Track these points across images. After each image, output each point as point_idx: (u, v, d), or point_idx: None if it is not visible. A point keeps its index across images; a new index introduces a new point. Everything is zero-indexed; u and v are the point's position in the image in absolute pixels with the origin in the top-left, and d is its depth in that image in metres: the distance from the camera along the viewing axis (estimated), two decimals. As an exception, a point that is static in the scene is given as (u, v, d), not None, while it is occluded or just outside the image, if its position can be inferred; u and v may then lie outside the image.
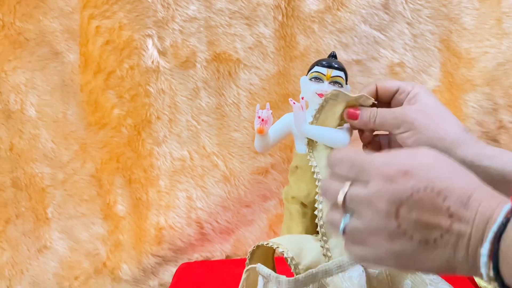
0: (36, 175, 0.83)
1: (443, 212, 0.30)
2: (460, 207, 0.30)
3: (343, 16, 0.76)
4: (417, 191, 0.30)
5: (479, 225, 0.29)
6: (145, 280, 0.84)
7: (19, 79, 0.81)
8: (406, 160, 0.31)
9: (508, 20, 0.74)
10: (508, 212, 0.29)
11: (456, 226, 0.30)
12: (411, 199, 0.30)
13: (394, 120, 0.43)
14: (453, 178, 0.31)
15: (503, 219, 0.28)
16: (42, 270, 0.84)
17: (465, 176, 0.32)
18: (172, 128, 0.81)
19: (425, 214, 0.30)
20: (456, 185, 0.30)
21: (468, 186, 0.30)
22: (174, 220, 0.82)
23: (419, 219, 0.30)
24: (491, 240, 0.28)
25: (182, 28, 0.78)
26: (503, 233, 0.28)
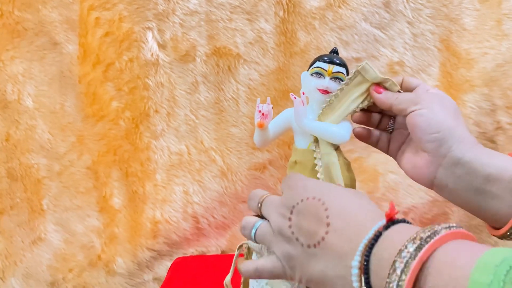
0: (32, 166, 0.83)
1: (323, 220, 0.32)
2: (338, 218, 0.32)
3: (344, 14, 0.75)
4: (306, 198, 0.34)
5: (352, 238, 0.30)
6: (139, 274, 0.84)
7: (16, 69, 0.81)
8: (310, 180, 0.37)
9: (508, 21, 0.74)
10: (380, 227, 0.29)
11: (331, 236, 0.31)
12: (300, 204, 0.34)
13: (414, 97, 0.44)
14: (341, 197, 0.34)
15: (376, 233, 0.29)
16: (36, 262, 0.84)
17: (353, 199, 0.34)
18: (170, 122, 0.80)
19: (308, 219, 0.33)
20: (339, 201, 0.33)
21: (352, 204, 0.33)
22: (170, 214, 0.82)
23: (303, 223, 0.33)
24: (361, 253, 0.29)
25: (183, 22, 0.77)
26: (373, 248, 0.29)
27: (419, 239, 0.26)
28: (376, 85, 0.46)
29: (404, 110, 0.44)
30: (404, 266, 0.26)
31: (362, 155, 0.79)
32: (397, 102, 0.44)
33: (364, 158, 0.79)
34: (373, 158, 0.79)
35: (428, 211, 0.79)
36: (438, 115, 0.41)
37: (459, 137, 0.41)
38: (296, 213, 0.34)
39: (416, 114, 0.42)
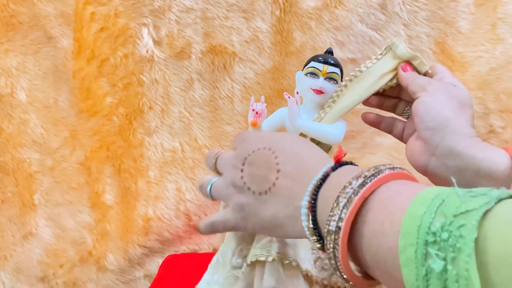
0: (24, 160, 0.82)
1: (273, 166, 0.33)
2: (287, 163, 0.33)
3: (340, 14, 0.76)
4: (257, 149, 0.35)
5: (302, 180, 0.31)
6: (130, 271, 0.83)
7: (10, 63, 0.80)
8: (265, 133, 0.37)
9: (503, 26, 0.75)
10: (328, 168, 0.31)
11: (281, 181, 0.32)
12: (252, 155, 0.35)
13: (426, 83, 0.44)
14: (291, 145, 0.35)
15: (324, 173, 0.30)
16: (27, 257, 0.83)
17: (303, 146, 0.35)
18: (164, 118, 0.80)
19: (259, 168, 0.34)
20: (289, 149, 0.34)
21: (300, 151, 0.34)
22: (162, 211, 0.81)
23: (255, 172, 0.34)
24: (310, 193, 0.30)
25: (179, 19, 0.77)
26: (321, 187, 0.30)
27: (363, 177, 0.27)
28: (405, 63, 0.46)
29: (414, 94, 0.44)
30: (347, 201, 0.27)
31: (355, 156, 0.79)
32: (412, 84, 0.44)
33: (357, 158, 0.79)
34: (366, 159, 0.79)
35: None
36: (437, 104, 0.42)
37: (454, 128, 0.41)
38: (247, 164, 0.35)
39: (419, 101, 0.43)
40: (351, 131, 0.79)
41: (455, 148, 0.40)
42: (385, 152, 0.79)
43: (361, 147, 0.80)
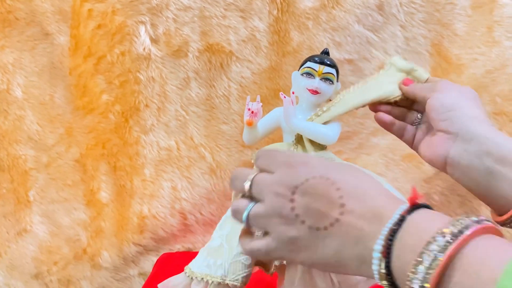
0: (20, 157, 0.82)
1: (335, 201, 0.30)
2: (353, 199, 0.30)
3: (337, 15, 0.76)
4: (312, 178, 0.31)
5: (372, 220, 0.29)
6: (125, 269, 0.83)
7: (6, 59, 0.80)
8: (313, 158, 0.34)
9: (499, 28, 0.75)
10: (404, 211, 0.29)
11: (347, 218, 0.30)
12: (305, 184, 0.31)
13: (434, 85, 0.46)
14: (351, 175, 0.32)
15: (399, 217, 0.28)
16: (21, 253, 0.83)
17: (365, 179, 0.32)
18: (160, 117, 0.80)
19: (318, 200, 0.31)
20: (351, 180, 0.31)
21: (364, 184, 0.31)
22: (157, 209, 0.81)
23: (311, 204, 0.31)
24: (385, 237, 0.28)
25: (176, 17, 0.77)
26: (398, 232, 0.28)
27: (449, 233, 0.26)
28: (406, 79, 0.49)
29: (425, 97, 0.45)
30: (432, 260, 0.25)
31: (350, 156, 0.80)
32: (419, 91, 0.46)
33: (352, 159, 0.79)
34: (361, 159, 0.79)
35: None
36: (451, 97, 0.43)
37: (472, 115, 0.42)
38: (300, 193, 0.31)
39: (432, 98, 0.44)
40: (347, 131, 0.79)
41: (477, 132, 0.41)
42: (381, 153, 0.79)
43: (356, 147, 0.81)
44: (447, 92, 0.44)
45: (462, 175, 0.42)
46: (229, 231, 0.47)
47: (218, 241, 0.48)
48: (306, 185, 0.31)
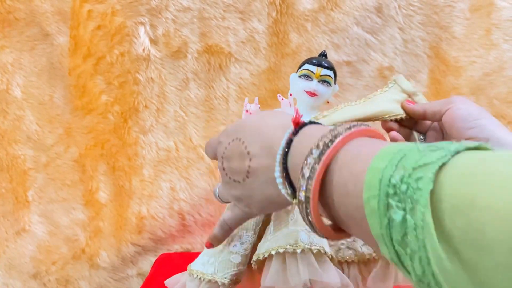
0: (19, 156, 0.82)
1: (245, 153, 0.35)
2: (253, 144, 0.35)
3: (336, 17, 0.76)
4: (228, 143, 0.37)
5: (269, 154, 0.33)
6: (123, 269, 0.83)
7: (6, 59, 0.80)
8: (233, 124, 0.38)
9: (497, 31, 0.76)
10: (290, 134, 0.32)
11: (254, 162, 0.34)
12: (225, 151, 0.37)
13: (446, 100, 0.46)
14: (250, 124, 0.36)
15: (287, 140, 0.32)
16: (19, 253, 0.83)
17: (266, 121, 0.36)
18: (159, 117, 0.80)
19: (234, 159, 0.36)
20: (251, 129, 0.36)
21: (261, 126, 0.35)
22: (156, 210, 0.82)
23: (231, 164, 0.36)
24: (279, 163, 0.32)
25: (175, 18, 0.77)
26: (287, 155, 0.31)
27: (322, 144, 0.28)
28: (407, 100, 0.50)
29: (439, 112, 0.46)
30: (310, 171, 0.28)
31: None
32: (430, 106, 0.47)
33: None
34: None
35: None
36: (474, 108, 0.44)
37: (497, 123, 0.43)
38: (225, 160, 0.37)
39: (454, 109, 0.44)
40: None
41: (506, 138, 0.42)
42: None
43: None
44: (466, 103, 0.44)
45: None
46: None
47: None
48: (226, 152, 0.37)
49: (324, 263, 0.44)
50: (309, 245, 0.43)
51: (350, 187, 0.26)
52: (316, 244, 0.43)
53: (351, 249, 0.48)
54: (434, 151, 0.23)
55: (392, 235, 0.22)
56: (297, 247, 0.43)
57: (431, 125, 0.49)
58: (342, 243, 0.48)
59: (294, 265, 0.43)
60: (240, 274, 0.47)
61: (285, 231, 0.44)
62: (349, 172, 0.27)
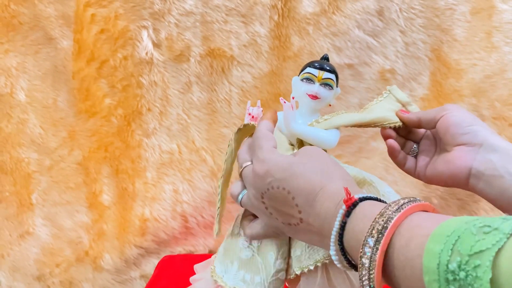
0: (23, 160, 0.83)
1: (294, 207, 0.36)
2: (306, 206, 0.36)
3: (338, 20, 0.76)
4: (272, 188, 0.37)
5: (323, 225, 0.35)
6: (126, 271, 0.84)
7: (10, 63, 0.81)
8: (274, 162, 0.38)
9: (498, 34, 0.76)
10: (343, 215, 0.33)
11: (306, 220, 0.36)
12: (268, 192, 0.38)
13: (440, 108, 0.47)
14: (304, 181, 0.37)
15: (340, 223, 0.33)
16: (24, 255, 0.84)
17: (319, 175, 0.37)
18: (162, 120, 0.81)
19: (281, 205, 0.37)
20: (304, 188, 0.36)
21: (315, 188, 0.36)
22: (159, 212, 0.82)
23: (277, 207, 0.37)
24: (334, 242, 0.33)
25: (178, 22, 0.78)
26: (343, 236, 0.33)
27: (376, 232, 0.29)
28: (401, 110, 0.51)
29: (433, 119, 0.47)
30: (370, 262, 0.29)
31: (350, 160, 0.80)
32: (424, 115, 0.48)
33: (352, 163, 0.80)
34: (361, 163, 0.80)
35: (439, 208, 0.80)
36: (467, 115, 0.45)
37: (490, 130, 0.44)
38: (267, 198, 0.38)
39: (448, 116, 0.46)
40: (347, 135, 0.80)
41: (500, 143, 0.43)
42: (380, 157, 0.80)
43: (356, 151, 0.81)
44: (460, 110, 0.46)
45: (486, 185, 0.43)
46: (259, 243, 0.46)
47: (249, 253, 0.46)
48: (269, 193, 0.37)
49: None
50: None
51: (407, 271, 0.27)
52: None
53: None
54: (489, 233, 0.23)
55: None
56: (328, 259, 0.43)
57: (425, 134, 0.50)
58: None
59: (339, 274, 0.43)
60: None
61: None
62: (405, 256, 0.27)
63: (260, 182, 0.38)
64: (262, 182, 0.38)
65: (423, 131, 0.50)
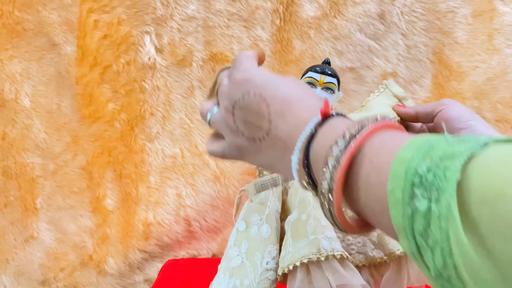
0: (27, 165, 0.83)
1: (265, 116, 0.33)
2: (278, 114, 0.33)
3: (339, 24, 0.77)
4: (247, 94, 0.34)
5: (292, 135, 0.32)
6: (130, 275, 0.84)
7: (15, 69, 0.81)
8: (255, 73, 0.35)
9: (499, 36, 0.76)
10: (316, 124, 0.31)
11: (274, 132, 0.33)
12: (241, 100, 0.35)
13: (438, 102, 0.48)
14: (283, 91, 0.34)
15: (311, 130, 0.31)
16: (28, 260, 0.84)
17: (300, 91, 0.35)
18: (165, 125, 0.81)
19: (251, 116, 0.34)
20: (281, 97, 0.34)
21: (292, 99, 0.34)
22: (162, 216, 0.82)
23: (247, 119, 0.34)
24: (300, 149, 0.31)
25: (180, 27, 0.78)
26: (311, 144, 0.30)
27: (348, 135, 0.28)
28: (398, 104, 0.51)
29: (431, 113, 0.47)
30: (335, 161, 0.27)
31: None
32: (423, 108, 0.48)
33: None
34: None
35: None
36: (465, 110, 0.45)
37: (487, 125, 0.44)
38: (238, 109, 0.35)
39: (446, 111, 0.45)
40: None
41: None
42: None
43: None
44: (457, 105, 0.46)
45: None
46: (247, 247, 0.47)
47: (238, 260, 0.47)
48: (242, 101, 0.34)
49: (348, 267, 0.44)
50: (332, 251, 0.43)
51: (372, 178, 0.26)
52: (338, 250, 0.43)
53: (361, 254, 0.48)
54: (463, 142, 0.23)
55: (414, 226, 0.22)
56: (320, 255, 0.43)
57: (421, 128, 0.50)
58: (352, 248, 0.48)
59: (319, 273, 0.43)
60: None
61: (306, 241, 0.44)
62: (373, 163, 0.26)
63: (236, 89, 0.35)
64: (239, 88, 0.35)
65: (419, 126, 0.50)
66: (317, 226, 0.45)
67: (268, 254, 0.46)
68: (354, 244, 0.48)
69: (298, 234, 0.45)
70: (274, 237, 0.47)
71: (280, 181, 0.49)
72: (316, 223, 0.45)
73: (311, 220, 0.45)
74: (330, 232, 0.44)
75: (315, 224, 0.45)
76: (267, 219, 0.48)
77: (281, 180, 0.49)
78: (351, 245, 0.48)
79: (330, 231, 0.44)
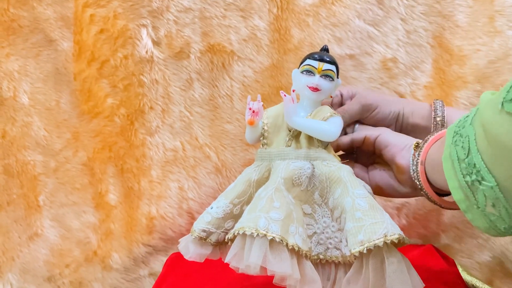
0: (28, 162, 0.83)
1: None
2: None
3: (337, 11, 0.76)
4: None
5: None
6: (135, 269, 0.84)
7: (12, 66, 0.81)
8: None
9: (501, 18, 0.75)
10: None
11: None
12: None
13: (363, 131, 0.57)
14: None
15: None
16: (33, 257, 0.85)
17: None
18: (165, 118, 0.81)
19: None
20: None
21: None
22: (165, 210, 0.82)
23: None
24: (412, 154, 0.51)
25: (177, 19, 0.78)
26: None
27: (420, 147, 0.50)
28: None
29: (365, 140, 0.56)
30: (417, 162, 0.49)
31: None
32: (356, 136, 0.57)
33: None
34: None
35: (422, 207, 0.80)
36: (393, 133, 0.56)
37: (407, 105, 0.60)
38: None
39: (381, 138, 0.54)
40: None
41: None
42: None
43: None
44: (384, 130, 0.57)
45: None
46: None
47: None
48: None
49: (278, 252, 0.43)
50: (265, 231, 0.43)
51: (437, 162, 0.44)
52: (273, 232, 0.43)
53: (338, 250, 0.47)
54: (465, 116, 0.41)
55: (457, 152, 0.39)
56: (255, 231, 0.43)
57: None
58: (330, 242, 0.48)
59: (249, 248, 0.43)
60: (210, 234, 0.51)
61: (253, 215, 0.45)
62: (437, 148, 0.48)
63: None
64: None
65: None
66: (267, 204, 0.45)
67: (216, 202, 0.51)
68: (332, 238, 0.48)
69: (252, 208, 0.46)
70: (231, 193, 0.50)
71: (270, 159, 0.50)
72: (267, 202, 0.45)
73: (264, 199, 0.45)
74: (277, 214, 0.44)
75: (266, 203, 0.45)
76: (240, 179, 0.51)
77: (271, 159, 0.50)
78: (329, 239, 0.48)
79: (278, 213, 0.44)
